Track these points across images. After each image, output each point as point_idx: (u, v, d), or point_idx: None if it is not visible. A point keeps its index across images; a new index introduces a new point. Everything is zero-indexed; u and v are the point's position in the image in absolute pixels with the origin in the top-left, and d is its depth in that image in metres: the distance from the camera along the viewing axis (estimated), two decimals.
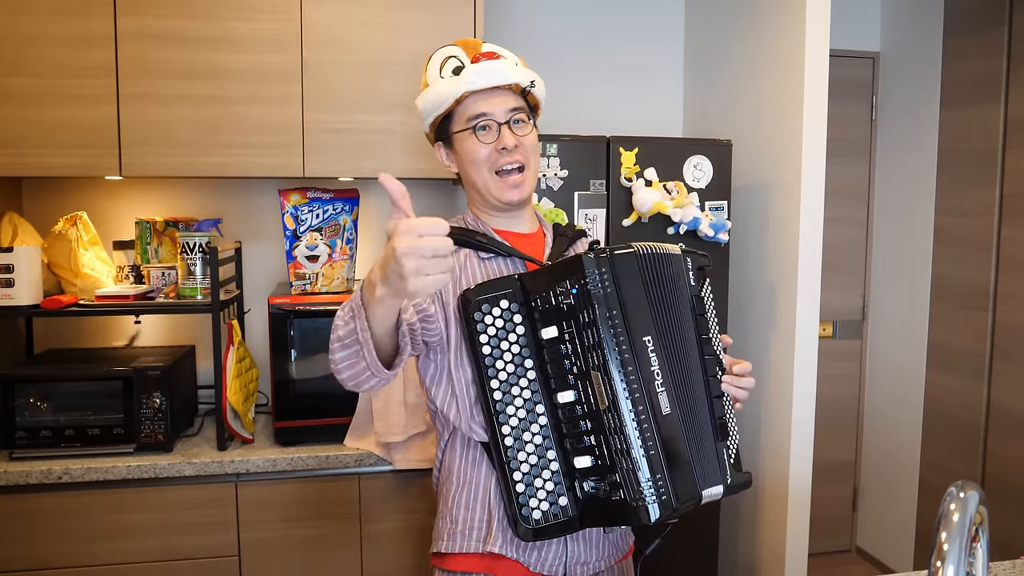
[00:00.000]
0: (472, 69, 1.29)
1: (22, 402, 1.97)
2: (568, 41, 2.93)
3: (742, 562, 2.64)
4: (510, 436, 1.19)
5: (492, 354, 1.20)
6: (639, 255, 1.19)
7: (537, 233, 1.42)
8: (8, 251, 1.99)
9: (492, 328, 1.20)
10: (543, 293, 1.19)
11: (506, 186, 1.31)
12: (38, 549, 1.93)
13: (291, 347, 2.09)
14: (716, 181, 2.36)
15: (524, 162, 1.31)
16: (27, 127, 2.05)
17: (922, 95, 3.05)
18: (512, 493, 1.19)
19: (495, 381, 1.20)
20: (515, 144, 1.29)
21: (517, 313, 1.21)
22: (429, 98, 1.32)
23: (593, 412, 1.15)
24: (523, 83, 1.32)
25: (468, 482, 1.29)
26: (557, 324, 1.17)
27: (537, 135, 1.36)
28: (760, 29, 2.49)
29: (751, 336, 2.58)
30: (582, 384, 1.16)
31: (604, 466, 1.15)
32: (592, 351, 1.14)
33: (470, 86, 1.28)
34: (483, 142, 1.29)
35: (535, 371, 1.21)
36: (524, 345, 1.21)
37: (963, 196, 2.85)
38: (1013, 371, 2.64)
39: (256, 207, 2.55)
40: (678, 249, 1.28)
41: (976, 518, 0.78)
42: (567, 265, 1.17)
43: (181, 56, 2.10)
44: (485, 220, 1.38)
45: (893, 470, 3.25)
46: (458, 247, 1.31)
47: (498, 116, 1.29)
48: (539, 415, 1.20)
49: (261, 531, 2.02)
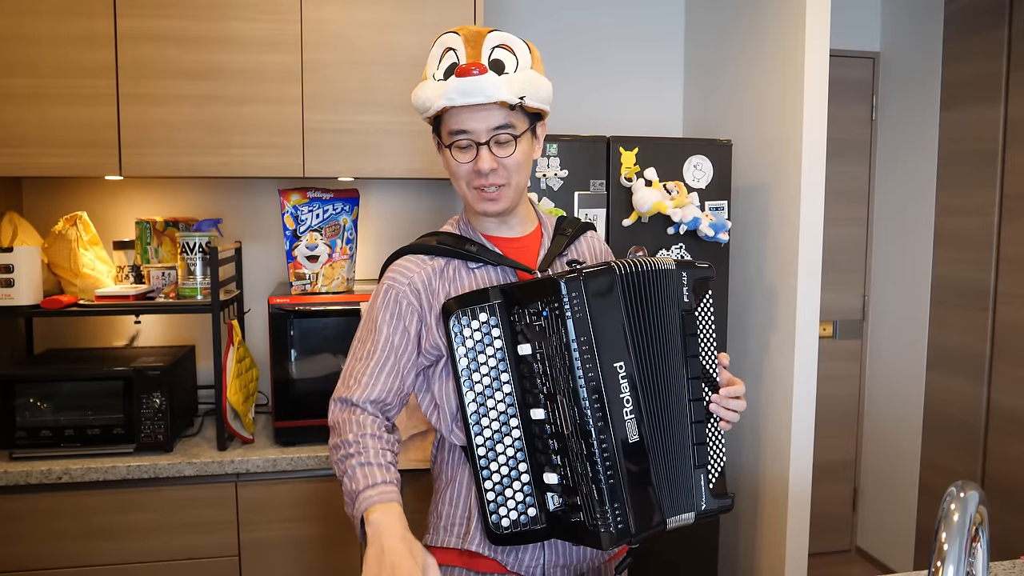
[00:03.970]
0: (453, 85, 1.20)
1: (22, 402, 1.97)
2: (568, 41, 2.93)
3: (742, 562, 2.64)
4: (483, 446, 1.20)
5: (469, 366, 1.20)
6: (619, 275, 1.16)
7: (534, 233, 1.38)
8: (8, 251, 1.99)
9: (470, 341, 1.20)
10: (520, 310, 1.17)
11: (481, 199, 1.27)
12: (38, 549, 1.93)
13: (291, 347, 2.09)
14: (716, 181, 2.36)
15: (503, 182, 1.26)
16: (27, 127, 2.05)
17: (922, 95, 3.05)
18: (484, 499, 1.20)
19: (471, 393, 1.20)
20: (491, 168, 1.23)
21: (496, 327, 1.20)
22: (419, 97, 1.27)
23: (559, 434, 1.15)
24: (509, 100, 1.21)
25: (452, 480, 1.31)
26: (531, 343, 1.16)
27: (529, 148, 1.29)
28: (760, 29, 2.49)
29: (751, 336, 2.58)
30: (551, 405, 1.15)
31: (568, 486, 1.15)
32: (560, 375, 1.13)
33: (450, 102, 1.21)
34: (460, 161, 1.26)
35: (511, 385, 1.20)
36: (501, 359, 1.20)
37: (963, 196, 2.85)
38: (1013, 371, 2.64)
39: (256, 207, 2.55)
40: (672, 263, 1.23)
41: (976, 518, 0.78)
42: (540, 285, 1.14)
43: (181, 56, 2.10)
44: (477, 225, 1.36)
45: (893, 470, 3.25)
46: (447, 258, 1.30)
47: (479, 135, 1.23)
48: (513, 428, 1.20)
49: (261, 531, 2.02)
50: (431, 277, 1.27)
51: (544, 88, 1.27)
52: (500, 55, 1.23)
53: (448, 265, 1.30)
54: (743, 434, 2.62)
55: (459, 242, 1.31)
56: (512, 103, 1.22)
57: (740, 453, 2.65)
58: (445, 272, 1.29)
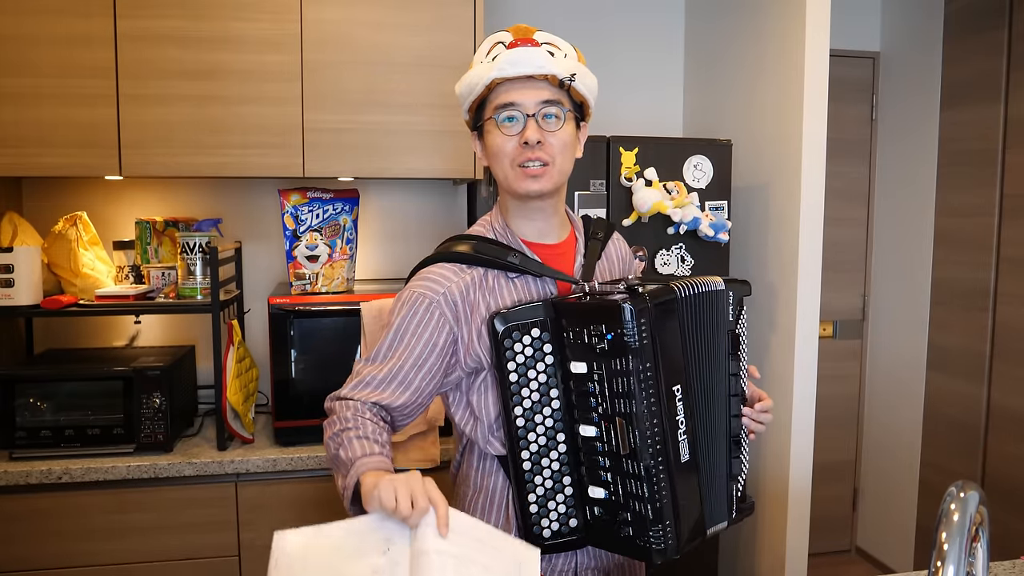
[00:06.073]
0: (505, 56, 1.21)
1: (22, 402, 1.97)
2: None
3: (742, 562, 2.64)
4: (528, 460, 1.20)
5: (519, 382, 1.19)
6: (681, 299, 1.17)
7: (569, 238, 1.35)
8: (8, 251, 1.99)
9: (521, 356, 1.19)
10: (576, 328, 1.15)
11: (524, 176, 1.23)
12: (38, 549, 1.93)
13: (291, 347, 2.08)
14: (716, 181, 2.36)
15: (548, 160, 1.23)
16: (27, 127, 2.05)
17: (922, 95, 3.05)
18: (526, 511, 1.20)
19: (519, 408, 1.19)
20: (538, 140, 1.21)
21: (548, 343, 1.19)
22: (465, 82, 1.26)
23: (612, 452, 1.15)
24: (560, 75, 1.21)
25: (483, 488, 1.29)
26: (587, 362, 1.15)
27: (574, 134, 1.27)
28: (760, 29, 2.49)
29: (751, 336, 2.58)
30: (605, 424, 1.15)
31: (616, 502, 1.16)
32: (620, 398, 1.12)
33: (500, 72, 1.20)
34: (506, 134, 1.22)
35: (560, 400, 1.20)
36: (551, 375, 1.19)
37: (963, 196, 2.85)
38: (1013, 371, 2.64)
39: (256, 207, 2.55)
40: (721, 283, 1.24)
41: (976, 518, 0.78)
42: (605, 309, 1.12)
43: (181, 56, 2.10)
44: (515, 227, 1.31)
45: (893, 470, 3.25)
46: (485, 268, 1.26)
47: (527, 107, 1.21)
48: (559, 442, 1.20)
49: (261, 531, 2.02)
50: (469, 288, 1.24)
51: (591, 79, 1.27)
52: (549, 48, 1.24)
53: (487, 274, 1.26)
54: None
55: (500, 251, 1.26)
56: (562, 77, 1.22)
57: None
58: (484, 283, 1.25)
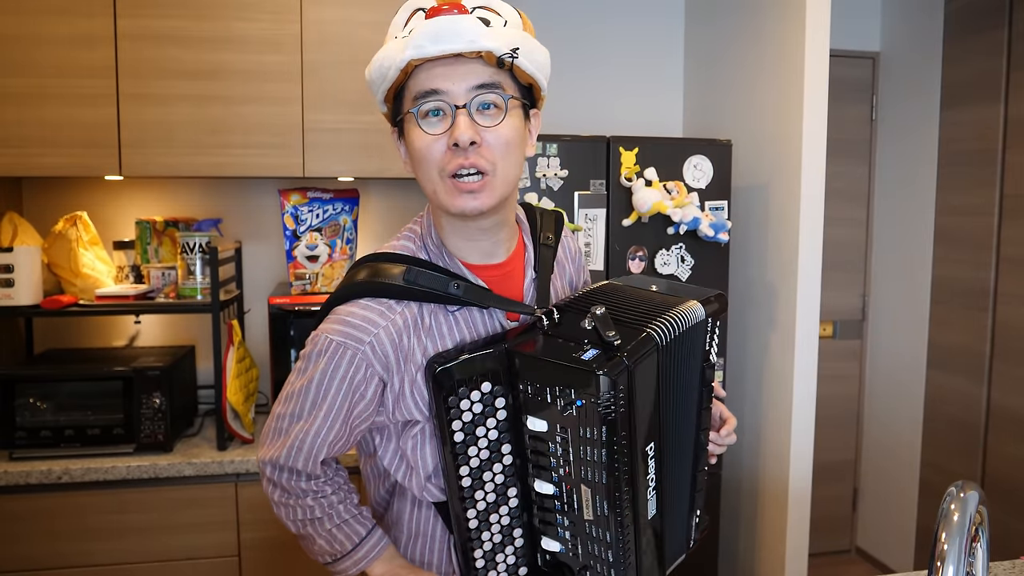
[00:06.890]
0: (423, 28, 0.91)
1: (22, 402, 1.97)
2: (568, 40, 2.93)
3: (742, 562, 2.64)
4: (476, 519, 1.05)
5: (465, 441, 1.01)
6: (661, 348, 0.98)
7: (518, 249, 1.11)
8: (8, 251, 1.99)
9: (468, 414, 1.01)
10: (536, 384, 0.98)
11: (458, 192, 0.95)
12: (38, 549, 1.93)
13: (291, 347, 2.09)
14: (716, 181, 2.36)
15: (486, 168, 0.94)
16: (27, 127, 2.05)
17: (922, 95, 3.05)
18: (471, 565, 1.09)
19: (465, 468, 1.02)
20: (472, 140, 0.92)
21: (501, 396, 1.01)
22: (374, 64, 0.97)
23: (574, 515, 1.02)
24: (498, 51, 0.91)
25: (422, 535, 1.13)
26: (549, 421, 0.99)
27: (521, 128, 0.98)
28: (760, 29, 2.49)
29: (751, 336, 2.58)
30: (567, 487, 1.01)
31: (573, 557, 1.06)
32: (586, 466, 0.97)
33: (418, 52, 0.91)
34: (430, 133, 0.94)
35: (512, 455, 1.04)
36: (504, 431, 1.03)
37: (963, 196, 2.85)
38: (1013, 371, 2.64)
39: (256, 207, 2.55)
40: (701, 310, 1.05)
41: (976, 518, 0.78)
42: (576, 374, 0.93)
43: (181, 56, 2.10)
44: (453, 249, 1.05)
45: (893, 470, 3.25)
46: (419, 302, 1.02)
47: (455, 96, 0.92)
48: (510, 497, 1.06)
49: (261, 531, 2.02)
50: (402, 333, 1.01)
51: (540, 52, 0.97)
52: (482, 14, 0.94)
53: (422, 310, 1.02)
54: (743, 434, 2.62)
55: (438, 279, 1.01)
56: (500, 54, 0.92)
57: (740, 453, 2.65)
58: (420, 322, 1.02)
